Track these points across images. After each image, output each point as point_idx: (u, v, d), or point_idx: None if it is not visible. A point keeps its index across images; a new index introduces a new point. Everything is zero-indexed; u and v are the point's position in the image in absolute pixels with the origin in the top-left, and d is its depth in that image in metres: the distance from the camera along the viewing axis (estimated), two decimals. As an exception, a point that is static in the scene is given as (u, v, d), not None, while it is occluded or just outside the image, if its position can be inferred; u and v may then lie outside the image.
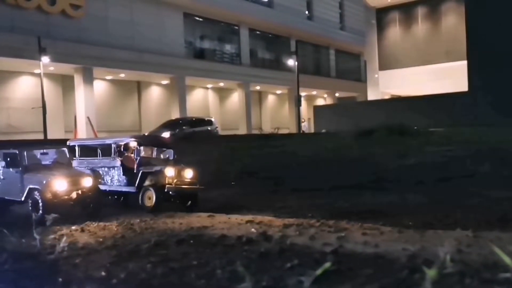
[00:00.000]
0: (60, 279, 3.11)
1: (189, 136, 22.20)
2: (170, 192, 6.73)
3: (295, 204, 6.19)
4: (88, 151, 8.24)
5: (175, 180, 6.73)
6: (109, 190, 7.45)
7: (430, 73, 50.30)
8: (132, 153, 7.45)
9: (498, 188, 6.64)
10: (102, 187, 7.11)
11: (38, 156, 6.09)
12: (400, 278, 2.85)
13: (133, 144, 7.45)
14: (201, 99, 41.23)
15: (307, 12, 45.39)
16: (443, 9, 52.78)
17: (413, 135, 16.89)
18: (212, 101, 42.23)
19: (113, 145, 7.49)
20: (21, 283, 3.06)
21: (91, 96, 29.68)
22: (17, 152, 5.87)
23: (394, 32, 56.37)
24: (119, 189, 7.41)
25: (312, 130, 37.35)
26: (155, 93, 37.34)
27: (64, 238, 3.85)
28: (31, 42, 24.86)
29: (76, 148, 8.02)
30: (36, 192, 5.52)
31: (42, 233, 3.99)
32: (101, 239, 4.48)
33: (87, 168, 7.50)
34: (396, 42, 56.10)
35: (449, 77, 45.93)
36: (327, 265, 2.59)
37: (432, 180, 7.50)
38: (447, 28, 52.10)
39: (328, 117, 32.80)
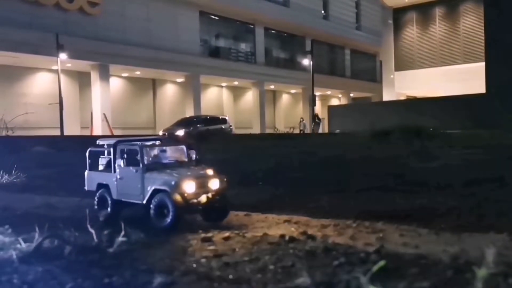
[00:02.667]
0: (127, 270, 3.36)
1: (203, 135, 22.46)
2: None
3: (326, 205, 6.38)
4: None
5: None
6: None
7: (447, 75, 50.01)
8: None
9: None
10: None
11: (157, 153, 5.48)
12: (447, 277, 3.04)
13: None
14: (216, 97, 41.54)
15: (323, 12, 45.43)
16: (461, 10, 52.36)
17: (430, 137, 16.91)
18: (226, 99, 42.52)
19: None
20: (92, 272, 3.31)
21: (107, 93, 30.12)
22: (138, 148, 5.21)
23: (411, 32, 56.03)
24: None
25: (320, 130, 37.44)
26: (170, 91, 37.71)
27: (120, 232, 4.09)
28: (49, 38, 25.36)
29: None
30: (162, 195, 4.90)
31: (96, 228, 4.23)
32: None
33: None
34: (413, 42, 55.77)
35: (466, 78, 45.65)
36: (382, 263, 2.78)
37: (458, 183, 7.62)
38: (465, 29, 51.72)
39: (343, 117, 32.84)
